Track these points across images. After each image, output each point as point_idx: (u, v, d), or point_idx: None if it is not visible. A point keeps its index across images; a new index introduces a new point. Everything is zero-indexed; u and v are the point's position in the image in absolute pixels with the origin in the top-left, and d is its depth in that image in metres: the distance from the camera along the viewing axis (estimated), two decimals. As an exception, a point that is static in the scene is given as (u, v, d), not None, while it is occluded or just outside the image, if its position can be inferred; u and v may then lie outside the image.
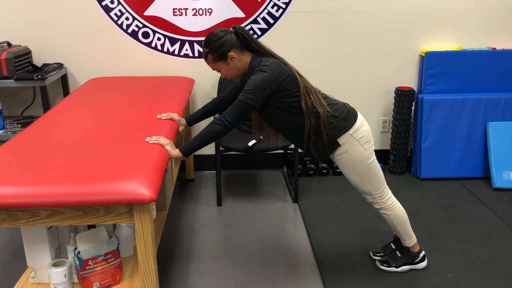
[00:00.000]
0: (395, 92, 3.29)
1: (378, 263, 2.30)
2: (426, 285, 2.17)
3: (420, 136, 3.27)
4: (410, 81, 3.39)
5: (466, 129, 3.25)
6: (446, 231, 2.64)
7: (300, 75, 1.97)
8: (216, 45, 1.94)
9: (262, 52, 1.98)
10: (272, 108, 1.97)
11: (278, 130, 2.07)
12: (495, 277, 2.22)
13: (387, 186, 2.14)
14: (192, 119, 2.27)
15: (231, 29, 1.99)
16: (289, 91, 1.93)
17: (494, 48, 3.30)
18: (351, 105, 2.08)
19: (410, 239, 2.22)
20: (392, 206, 2.14)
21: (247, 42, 1.97)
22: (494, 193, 3.09)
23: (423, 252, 2.27)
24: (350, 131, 1.98)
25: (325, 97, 2.02)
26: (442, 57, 3.23)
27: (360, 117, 2.03)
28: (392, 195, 2.16)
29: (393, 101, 3.36)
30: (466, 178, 3.31)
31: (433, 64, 3.24)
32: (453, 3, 3.22)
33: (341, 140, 1.99)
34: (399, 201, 2.97)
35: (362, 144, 2.00)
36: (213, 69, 2.04)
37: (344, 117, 1.98)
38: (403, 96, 3.23)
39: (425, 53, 3.24)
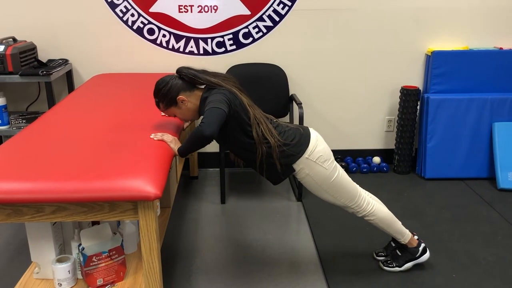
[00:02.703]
0: (400, 91, 3.28)
1: (381, 264, 2.29)
2: (430, 285, 2.16)
3: (425, 135, 3.26)
4: (416, 80, 3.37)
5: (472, 129, 3.23)
6: (450, 231, 2.63)
7: (251, 105, 1.95)
8: (163, 92, 1.95)
9: (212, 85, 1.95)
10: (227, 133, 1.95)
11: (235, 154, 2.06)
12: (500, 279, 2.21)
13: (363, 193, 2.12)
14: None
15: (175, 73, 1.99)
16: (242, 117, 1.91)
17: (501, 48, 3.28)
18: (304, 126, 2.06)
19: (404, 236, 2.21)
20: (373, 211, 2.12)
21: (194, 81, 1.96)
22: (499, 194, 3.07)
23: (422, 245, 2.25)
24: (305, 155, 1.96)
25: (277, 126, 2.00)
26: (448, 57, 3.21)
27: (313, 139, 2.00)
28: (371, 199, 2.14)
29: (399, 100, 3.34)
30: (471, 179, 3.29)
31: (439, 64, 3.22)
32: (460, 3, 3.20)
33: (298, 165, 1.98)
34: (403, 201, 2.97)
35: (320, 164, 1.98)
36: (169, 116, 2.04)
37: (296, 143, 1.96)
38: (408, 96, 3.22)
39: (431, 52, 3.22)
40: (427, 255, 2.26)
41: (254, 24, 3.17)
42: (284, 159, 1.96)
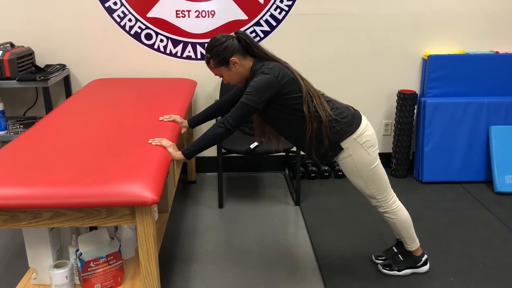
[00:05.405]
0: (397, 95, 3.29)
1: (380, 267, 2.30)
2: (428, 289, 2.17)
3: (422, 139, 3.27)
4: (413, 84, 3.38)
5: (469, 132, 3.24)
6: (448, 235, 2.63)
7: (303, 79, 1.96)
8: (218, 50, 1.94)
9: (264, 57, 1.98)
10: (275, 111, 1.97)
11: (280, 132, 2.07)
12: (498, 282, 2.22)
13: (392, 190, 2.13)
14: (194, 121, 2.27)
15: (233, 34, 1.99)
16: (292, 94, 1.92)
17: (497, 52, 3.29)
18: (355, 108, 2.08)
19: (413, 243, 2.22)
20: (397, 210, 2.13)
21: (249, 47, 1.97)
22: (496, 197, 3.08)
23: (425, 256, 2.26)
24: (354, 135, 1.98)
25: (329, 101, 2.01)
26: (444, 61, 3.22)
27: (364, 121, 2.03)
28: (397, 199, 2.15)
29: (396, 104, 3.35)
30: (468, 182, 3.30)
31: (435, 68, 3.23)
32: (456, 7, 3.22)
33: (344, 144, 1.99)
34: (401, 204, 2.96)
35: (366, 149, 2.00)
36: (216, 75, 2.04)
37: (347, 121, 1.98)
38: (405, 100, 3.23)
39: (428, 56, 3.23)
40: (427, 267, 2.27)
41: (252, 29, 3.18)
42: (333, 136, 1.97)
